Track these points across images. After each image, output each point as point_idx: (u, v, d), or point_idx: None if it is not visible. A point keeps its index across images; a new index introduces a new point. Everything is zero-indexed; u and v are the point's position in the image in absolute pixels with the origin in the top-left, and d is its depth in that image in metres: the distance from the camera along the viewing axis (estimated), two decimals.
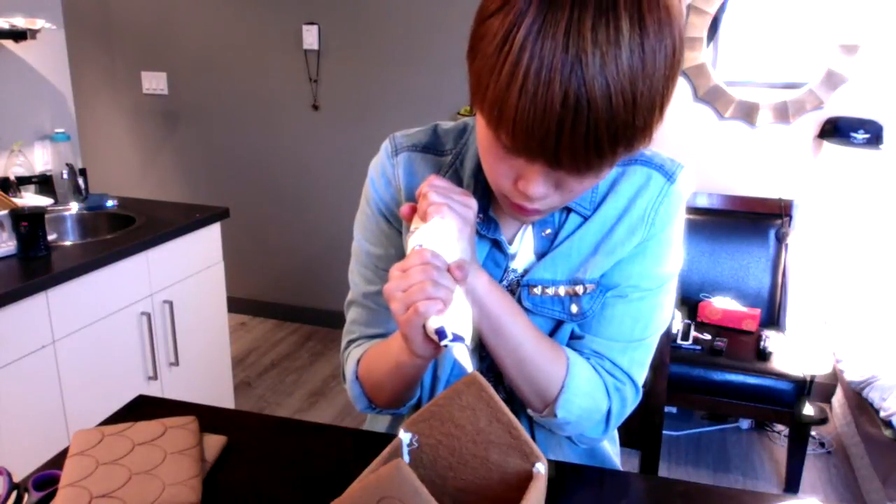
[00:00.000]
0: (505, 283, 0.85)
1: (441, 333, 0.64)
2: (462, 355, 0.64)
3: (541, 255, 0.84)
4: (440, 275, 0.66)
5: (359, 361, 0.89)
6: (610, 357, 0.85)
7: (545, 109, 0.57)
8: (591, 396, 0.82)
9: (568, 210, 0.82)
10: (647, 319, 0.85)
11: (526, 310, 0.82)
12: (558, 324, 0.85)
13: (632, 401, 0.86)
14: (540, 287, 0.83)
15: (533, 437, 0.74)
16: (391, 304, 0.67)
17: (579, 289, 0.82)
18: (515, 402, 0.87)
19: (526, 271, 0.84)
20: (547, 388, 0.81)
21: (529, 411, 0.85)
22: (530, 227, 0.84)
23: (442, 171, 0.85)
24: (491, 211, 0.82)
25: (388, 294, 0.67)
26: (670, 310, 0.88)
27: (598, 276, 0.82)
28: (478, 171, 0.82)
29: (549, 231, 0.83)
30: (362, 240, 0.91)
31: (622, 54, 0.56)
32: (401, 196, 0.86)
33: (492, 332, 0.78)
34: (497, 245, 0.84)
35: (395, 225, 0.89)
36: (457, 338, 0.64)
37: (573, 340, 0.86)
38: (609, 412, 0.84)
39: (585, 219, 0.82)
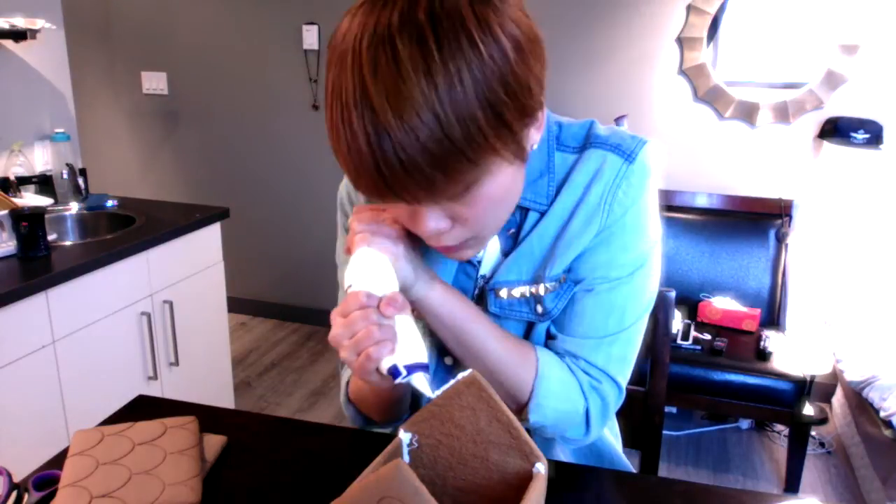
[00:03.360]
0: (477, 290, 0.83)
1: (395, 373, 0.63)
2: (421, 384, 0.63)
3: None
4: (380, 315, 0.65)
5: (348, 383, 0.90)
6: (583, 356, 0.81)
7: (359, 155, 0.58)
8: (564, 398, 0.79)
9: (525, 208, 0.79)
10: (622, 310, 0.80)
11: (494, 315, 0.81)
12: (531, 325, 0.83)
13: (614, 398, 0.82)
14: (506, 290, 0.81)
15: (532, 438, 0.74)
16: (341, 352, 0.66)
17: (541, 288, 0.80)
18: None
19: (494, 274, 0.82)
20: (517, 394, 0.79)
21: None
22: None
23: None
24: None
25: (334, 342, 0.66)
26: (652, 291, 0.82)
27: (561, 271, 0.79)
28: None
29: (512, 231, 0.81)
30: (342, 265, 0.90)
31: (406, 86, 0.55)
32: None
33: (454, 341, 0.77)
34: None
35: None
36: (411, 370, 0.63)
37: (549, 341, 0.84)
38: (588, 412, 0.81)
39: (542, 214, 0.79)
